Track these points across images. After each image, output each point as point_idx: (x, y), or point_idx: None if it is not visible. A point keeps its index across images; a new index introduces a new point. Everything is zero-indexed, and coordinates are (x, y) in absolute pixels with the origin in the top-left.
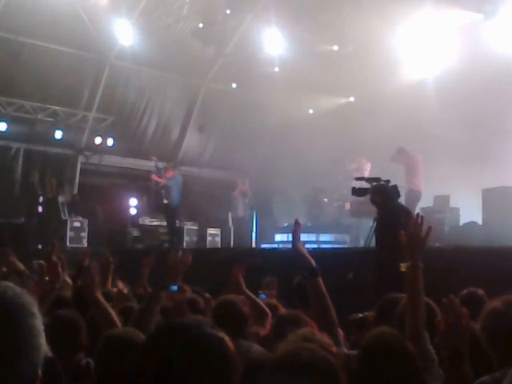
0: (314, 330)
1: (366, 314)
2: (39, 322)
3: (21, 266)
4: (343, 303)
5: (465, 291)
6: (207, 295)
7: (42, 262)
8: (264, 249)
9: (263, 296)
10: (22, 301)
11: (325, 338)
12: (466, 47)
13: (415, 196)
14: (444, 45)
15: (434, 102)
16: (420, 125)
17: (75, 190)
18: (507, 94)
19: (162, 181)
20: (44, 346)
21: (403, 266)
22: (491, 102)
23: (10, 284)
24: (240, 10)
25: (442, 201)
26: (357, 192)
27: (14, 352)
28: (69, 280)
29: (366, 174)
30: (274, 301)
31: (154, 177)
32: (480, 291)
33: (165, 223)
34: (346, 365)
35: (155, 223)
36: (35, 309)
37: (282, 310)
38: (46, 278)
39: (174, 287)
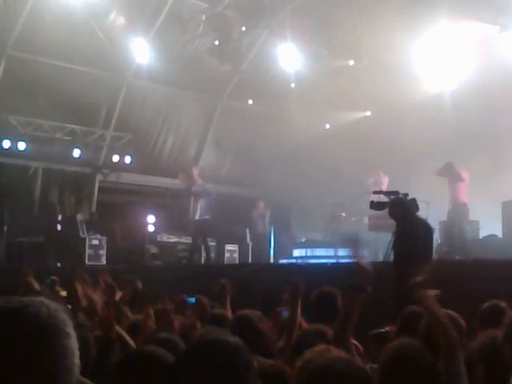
0: (330, 347)
1: (386, 329)
2: (73, 342)
3: (36, 285)
4: (362, 318)
5: (487, 303)
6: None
7: (54, 277)
8: (282, 264)
9: (285, 312)
10: (56, 320)
11: (342, 354)
12: (482, 60)
13: (465, 209)
14: (460, 58)
15: (451, 116)
16: (437, 138)
17: (93, 208)
18: None
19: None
20: (77, 366)
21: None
22: (508, 114)
23: (45, 301)
24: (255, 26)
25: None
26: (375, 206)
27: (49, 375)
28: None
29: (384, 188)
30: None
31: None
32: (502, 303)
33: (183, 240)
34: None
35: (173, 240)
36: (69, 328)
37: (305, 325)
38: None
39: (192, 299)
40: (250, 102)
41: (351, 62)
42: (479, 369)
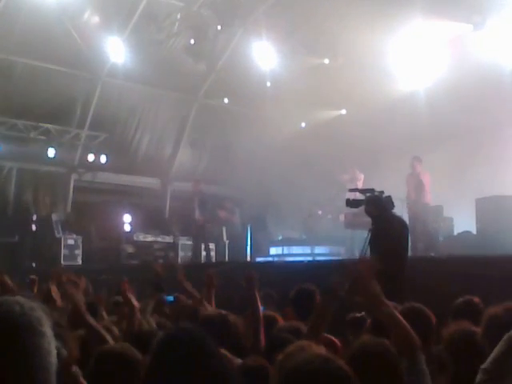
0: (311, 342)
1: (362, 313)
2: (48, 341)
3: (11, 284)
4: (338, 314)
5: (461, 299)
6: None
7: (33, 276)
8: (259, 262)
9: (262, 308)
10: (30, 319)
11: (322, 350)
12: (456, 58)
13: (428, 208)
14: (434, 56)
15: (425, 113)
16: (412, 136)
17: (69, 208)
18: (497, 103)
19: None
20: (54, 365)
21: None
22: (482, 112)
23: (20, 299)
24: (230, 24)
25: (436, 211)
26: (351, 203)
27: (20, 373)
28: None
29: (360, 186)
30: (272, 313)
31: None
32: (476, 299)
33: (159, 239)
34: None
35: (149, 239)
36: (45, 326)
37: (281, 322)
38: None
39: (170, 297)
40: (226, 100)
41: (326, 61)
42: (447, 362)
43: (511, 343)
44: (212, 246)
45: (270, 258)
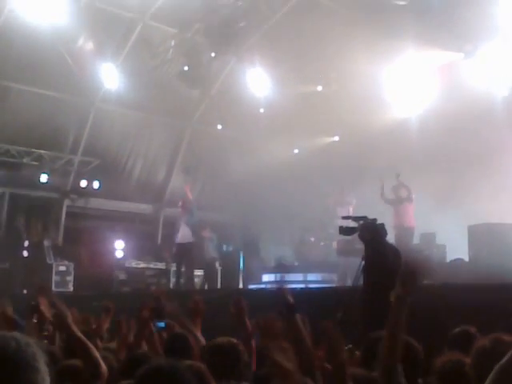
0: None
1: (350, 346)
2: (42, 376)
3: (12, 317)
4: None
5: (457, 329)
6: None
7: (34, 303)
8: (251, 289)
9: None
10: (25, 355)
11: (307, 380)
12: (447, 86)
13: (412, 233)
14: (426, 84)
15: (417, 140)
16: (404, 163)
17: (61, 234)
18: (489, 130)
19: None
20: None
21: (392, 296)
22: (474, 140)
23: (17, 335)
24: (224, 52)
25: (429, 238)
26: (344, 231)
27: None
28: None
29: (351, 211)
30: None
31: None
32: (472, 329)
33: (151, 265)
34: None
35: (142, 266)
36: (40, 362)
37: None
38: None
39: (162, 324)
40: (219, 127)
41: (320, 88)
42: None
43: (502, 374)
44: (200, 272)
45: (263, 285)
